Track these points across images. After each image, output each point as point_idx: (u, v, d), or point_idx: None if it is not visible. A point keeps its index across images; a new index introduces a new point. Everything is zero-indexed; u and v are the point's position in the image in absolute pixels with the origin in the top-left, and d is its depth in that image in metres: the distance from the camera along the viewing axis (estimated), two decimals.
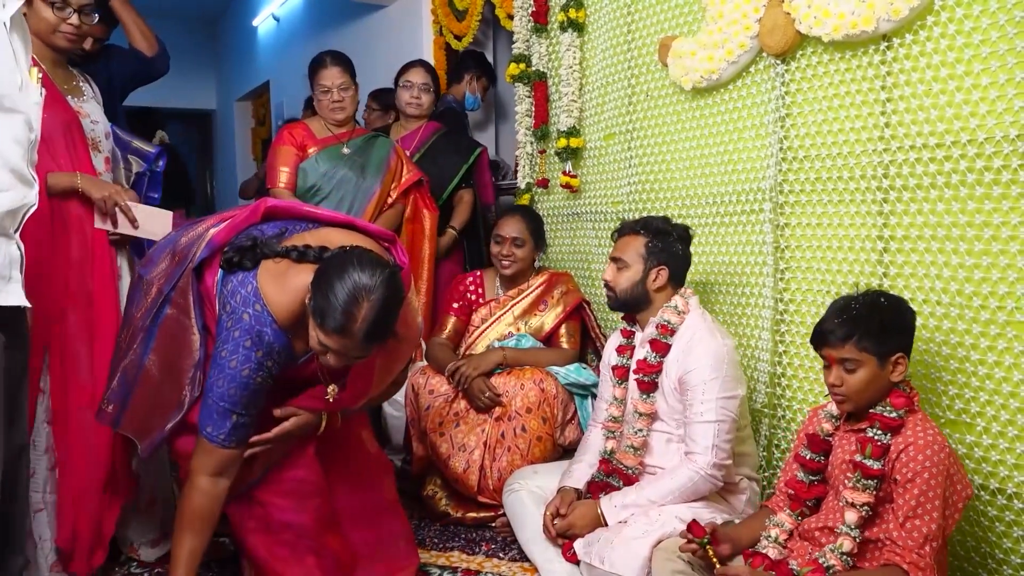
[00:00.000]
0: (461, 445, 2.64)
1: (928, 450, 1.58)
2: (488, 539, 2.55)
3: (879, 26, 1.92)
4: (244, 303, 1.73)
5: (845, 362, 1.66)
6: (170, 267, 1.89)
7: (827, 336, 1.68)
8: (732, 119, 2.43)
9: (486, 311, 2.92)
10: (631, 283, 2.18)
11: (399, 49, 4.41)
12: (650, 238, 2.18)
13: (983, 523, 1.81)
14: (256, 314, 1.72)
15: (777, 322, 2.30)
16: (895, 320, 1.67)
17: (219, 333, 1.76)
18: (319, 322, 1.64)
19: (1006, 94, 1.73)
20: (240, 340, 1.72)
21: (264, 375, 1.75)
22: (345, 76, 2.99)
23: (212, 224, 1.93)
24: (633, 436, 2.17)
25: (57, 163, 2.15)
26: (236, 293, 1.74)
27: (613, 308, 2.29)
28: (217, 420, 1.74)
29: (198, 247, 1.85)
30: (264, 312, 1.73)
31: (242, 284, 1.75)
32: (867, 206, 2.05)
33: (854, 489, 1.64)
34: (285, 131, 3.05)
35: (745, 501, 2.13)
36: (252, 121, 8.02)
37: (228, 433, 1.75)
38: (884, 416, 1.65)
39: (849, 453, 1.71)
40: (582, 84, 3.14)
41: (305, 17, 6.18)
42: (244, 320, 1.72)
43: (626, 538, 1.92)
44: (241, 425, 1.77)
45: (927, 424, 1.64)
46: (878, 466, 1.62)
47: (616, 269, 2.21)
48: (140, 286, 1.97)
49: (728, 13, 2.30)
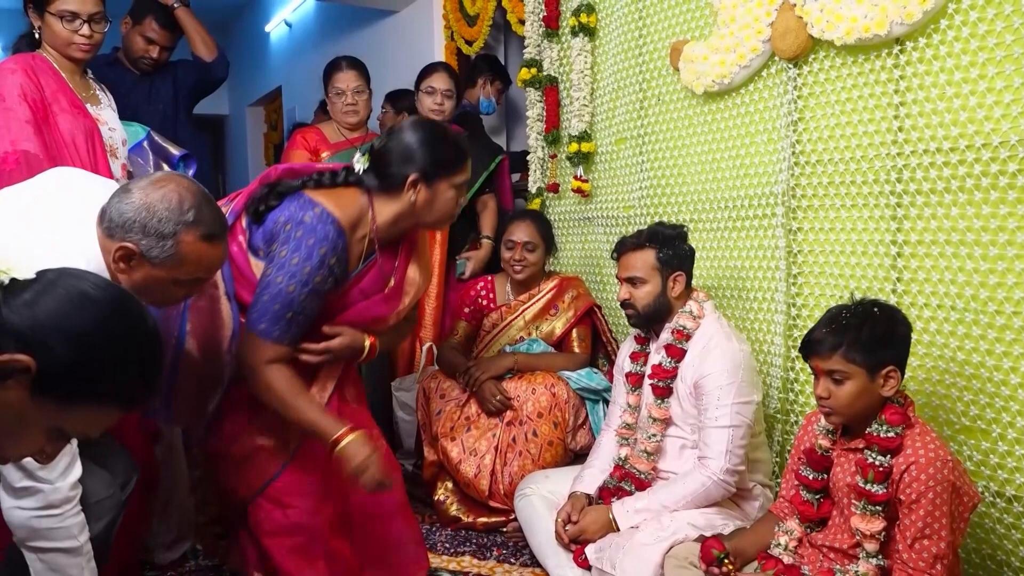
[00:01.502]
0: (472, 450, 2.64)
1: (931, 468, 1.53)
2: (499, 544, 2.55)
3: (892, 30, 1.91)
4: (302, 208, 1.74)
5: (833, 373, 1.60)
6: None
7: (815, 346, 1.62)
8: (744, 123, 2.43)
9: (497, 316, 2.92)
10: (652, 297, 2.16)
11: (411, 54, 4.43)
12: (659, 248, 2.15)
13: (999, 531, 1.79)
14: (317, 215, 1.74)
15: (790, 327, 2.29)
16: (887, 331, 1.60)
17: (272, 256, 1.74)
18: (450, 172, 1.84)
19: (1020, 98, 1.72)
20: (303, 239, 1.72)
21: (324, 275, 1.74)
22: (360, 80, 3.01)
23: (225, 201, 1.91)
24: (647, 441, 2.16)
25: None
26: (287, 209, 1.75)
27: (636, 325, 2.26)
28: (272, 317, 1.73)
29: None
30: (324, 211, 1.74)
31: (292, 200, 1.77)
32: (880, 211, 2.04)
33: (863, 517, 1.60)
34: (298, 135, 3.07)
35: (758, 508, 2.12)
36: (264, 126, 8.06)
37: (284, 329, 1.74)
38: (880, 437, 1.59)
39: (850, 475, 1.66)
40: (593, 88, 3.14)
41: (317, 23, 6.21)
42: (306, 221, 1.73)
43: (638, 544, 1.91)
44: (296, 323, 1.76)
45: (927, 437, 1.59)
46: (883, 491, 1.57)
47: (632, 287, 2.18)
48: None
49: (740, 17, 2.30)
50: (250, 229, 1.84)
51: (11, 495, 1.44)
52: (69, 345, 0.98)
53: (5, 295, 0.98)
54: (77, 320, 0.99)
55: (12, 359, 0.95)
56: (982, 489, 1.80)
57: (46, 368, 0.96)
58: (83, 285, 1.02)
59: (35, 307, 0.98)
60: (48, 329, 0.97)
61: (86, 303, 1.00)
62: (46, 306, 0.98)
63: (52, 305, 0.98)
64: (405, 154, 1.83)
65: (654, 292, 2.16)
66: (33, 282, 1.01)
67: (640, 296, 2.17)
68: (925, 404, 1.93)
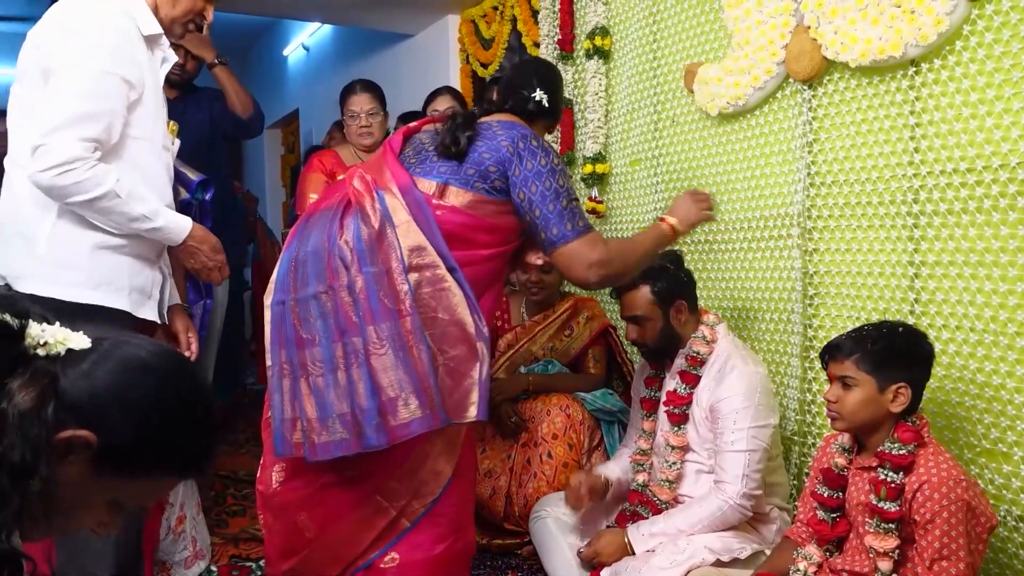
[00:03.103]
0: (487, 471, 2.63)
1: (944, 487, 1.53)
2: (514, 567, 2.53)
3: (907, 51, 1.91)
4: (512, 127, 1.87)
5: (844, 379, 1.65)
6: (379, 255, 1.73)
7: (832, 350, 1.68)
8: (759, 144, 2.43)
9: (512, 336, 2.92)
10: (658, 331, 2.16)
11: (426, 77, 4.47)
12: (652, 283, 2.15)
13: (1022, 556, 1.76)
14: (522, 125, 1.90)
15: (806, 348, 2.28)
16: (905, 349, 1.64)
17: (521, 176, 1.81)
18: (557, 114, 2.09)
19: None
20: (537, 145, 1.83)
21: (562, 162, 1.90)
22: (374, 103, 3.04)
23: (374, 183, 1.83)
24: (667, 470, 2.14)
25: None
26: (498, 138, 1.84)
27: (652, 360, 2.27)
28: (570, 214, 1.81)
29: (401, 196, 1.79)
30: (521, 125, 1.91)
31: (493, 128, 1.87)
32: (897, 231, 2.03)
33: (877, 535, 1.60)
34: (315, 159, 3.10)
35: (776, 531, 2.09)
36: (282, 148, 8.15)
37: (582, 216, 1.83)
38: (892, 455, 1.60)
39: (864, 494, 1.66)
40: (608, 110, 3.16)
41: (334, 47, 6.29)
42: (525, 133, 1.85)
43: (654, 568, 1.89)
44: (580, 209, 1.87)
45: (940, 457, 1.59)
46: (896, 508, 1.58)
47: (638, 326, 2.19)
48: (303, 307, 1.77)
49: (754, 39, 2.31)
50: (444, 176, 1.83)
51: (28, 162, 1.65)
52: (130, 419, 0.95)
53: (64, 366, 0.95)
54: (136, 391, 0.96)
55: (74, 435, 0.92)
56: (1004, 513, 1.77)
57: (107, 443, 0.94)
58: (140, 352, 0.99)
59: (93, 379, 0.95)
60: (108, 402, 0.94)
61: (144, 373, 0.98)
62: (104, 377, 0.95)
63: (110, 377, 0.96)
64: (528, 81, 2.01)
65: (659, 327, 2.15)
66: (90, 351, 0.98)
67: (647, 333, 2.17)
68: (944, 426, 1.91)
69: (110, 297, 1.77)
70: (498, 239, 1.85)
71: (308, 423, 1.73)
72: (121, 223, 1.76)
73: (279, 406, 1.79)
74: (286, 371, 1.78)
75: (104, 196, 1.69)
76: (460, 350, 1.74)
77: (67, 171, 1.64)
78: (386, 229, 1.74)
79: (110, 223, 1.75)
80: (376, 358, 1.68)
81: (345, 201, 1.81)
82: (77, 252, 1.75)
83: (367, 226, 1.74)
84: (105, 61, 1.70)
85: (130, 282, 1.81)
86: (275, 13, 5.20)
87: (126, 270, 1.81)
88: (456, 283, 1.74)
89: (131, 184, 1.74)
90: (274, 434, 1.80)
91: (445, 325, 1.74)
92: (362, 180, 1.82)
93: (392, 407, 1.67)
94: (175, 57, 1.96)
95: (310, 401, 1.73)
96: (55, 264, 1.74)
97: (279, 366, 1.79)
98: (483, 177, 1.81)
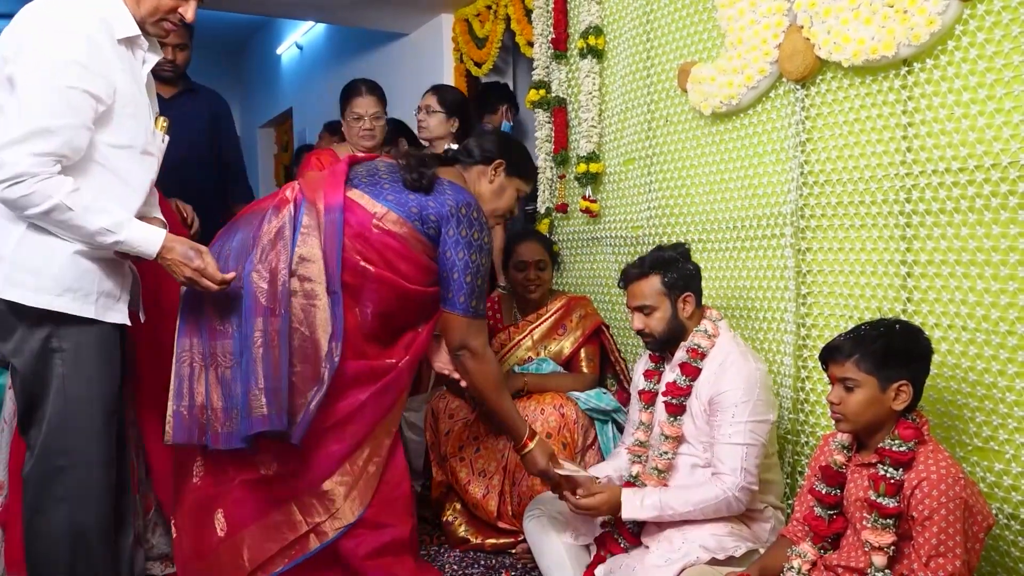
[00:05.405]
0: (481, 470, 2.63)
1: (943, 484, 1.54)
2: (508, 566, 2.53)
3: (899, 51, 1.92)
4: (462, 193, 2.04)
5: (846, 381, 1.65)
6: (271, 253, 1.90)
7: (832, 352, 1.68)
8: (752, 144, 2.44)
9: (504, 336, 2.92)
10: (665, 322, 2.16)
11: (420, 76, 4.47)
12: (663, 273, 2.15)
13: (1014, 553, 1.77)
14: (472, 199, 2.07)
15: (799, 347, 2.29)
16: (904, 347, 1.64)
17: (452, 237, 1.99)
18: (525, 177, 2.26)
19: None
20: (478, 218, 2.02)
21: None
22: (378, 106, 3.05)
23: (316, 195, 1.99)
24: (659, 459, 2.15)
25: None
26: (449, 197, 2.01)
27: (655, 350, 2.27)
28: (477, 292, 2.01)
29: (322, 214, 1.95)
30: (472, 197, 2.07)
31: (445, 187, 2.03)
32: (889, 231, 2.04)
33: (874, 530, 1.60)
34: (312, 157, 3.10)
35: (770, 530, 2.10)
36: (275, 147, 8.14)
37: (482, 301, 2.04)
38: (893, 451, 1.61)
39: (863, 490, 1.67)
40: (601, 110, 3.16)
41: (328, 46, 6.28)
42: (473, 203, 2.03)
43: (648, 566, 1.90)
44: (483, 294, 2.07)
45: (939, 455, 1.60)
46: (894, 504, 1.58)
47: (644, 316, 2.19)
48: (217, 296, 1.90)
49: (748, 39, 2.31)
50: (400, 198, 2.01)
51: None
52: None
53: None
54: None
55: None
56: (996, 511, 1.78)
57: None
58: None
59: None
60: None
61: None
62: None
63: None
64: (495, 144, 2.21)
65: (666, 317, 2.16)
66: None
67: (654, 323, 2.17)
68: (937, 424, 1.92)
69: (75, 305, 1.78)
70: (420, 277, 2.02)
71: (213, 412, 1.89)
72: (82, 236, 1.74)
73: (185, 393, 1.92)
74: (196, 360, 1.92)
75: (54, 209, 1.67)
76: (306, 369, 1.89)
77: (14, 184, 1.64)
78: (286, 231, 1.91)
79: (72, 236, 1.75)
80: (255, 349, 1.85)
81: (272, 205, 1.97)
82: (43, 257, 1.75)
83: (273, 223, 1.92)
84: (69, 76, 1.68)
85: (99, 287, 1.82)
86: (269, 12, 5.19)
87: (95, 275, 1.81)
88: (328, 306, 1.90)
89: (92, 197, 1.72)
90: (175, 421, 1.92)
91: (303, 339, 1.89)
92: (292, 190, 2.00)
93: (255, 401, 1.82)
94: (157, 55, 1.93)
95: (216, 391, 1.89)
96: (19, 268, 1.75)
97: (187, 353, 1.93)
98: (422, 220, 1.99)
